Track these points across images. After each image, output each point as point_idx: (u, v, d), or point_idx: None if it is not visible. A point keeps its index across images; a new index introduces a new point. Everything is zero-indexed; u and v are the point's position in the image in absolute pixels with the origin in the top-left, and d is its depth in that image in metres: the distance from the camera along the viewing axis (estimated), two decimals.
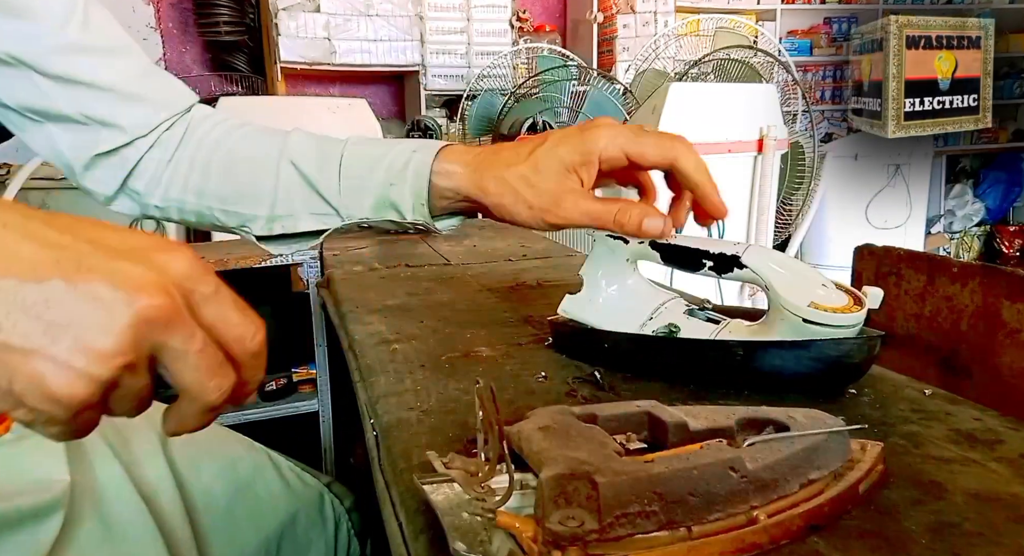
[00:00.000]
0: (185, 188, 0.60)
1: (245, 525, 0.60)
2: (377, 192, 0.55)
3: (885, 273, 0.85)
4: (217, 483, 0.60)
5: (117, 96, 0.57)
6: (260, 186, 0.59)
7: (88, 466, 0.50)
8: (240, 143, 0.61)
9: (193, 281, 0.29)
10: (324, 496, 0.69)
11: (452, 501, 0.33)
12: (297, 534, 0.65)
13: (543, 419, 0.35)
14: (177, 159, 0.60)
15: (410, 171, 0.53)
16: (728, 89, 2.48)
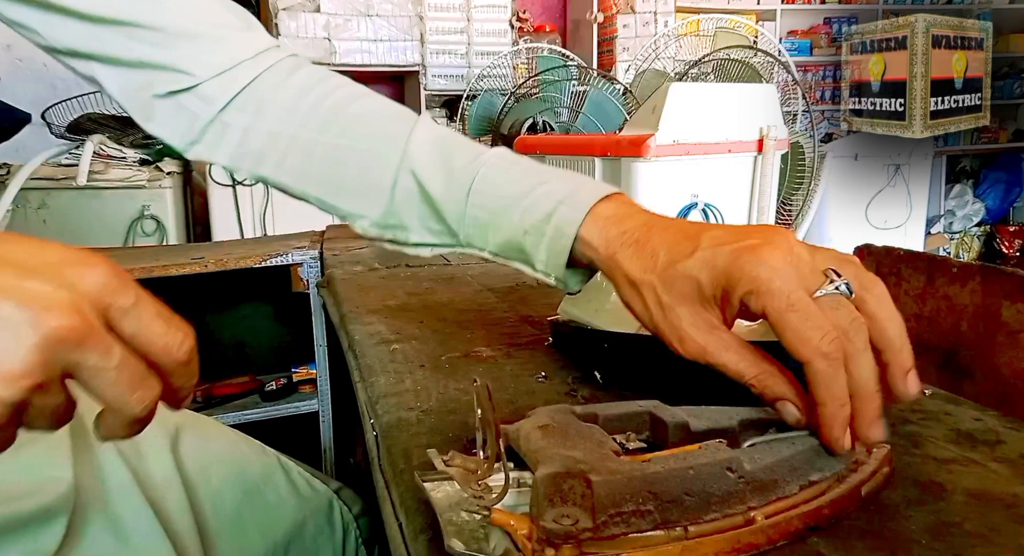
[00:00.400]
0: (280, 167, 0.54)
1: (253, 530, 0.59)
2: (508, 234, 0.48)
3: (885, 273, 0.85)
4: (226, 487, 0.59)
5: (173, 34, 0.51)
6: (372, 187, 0.52)
7: (96, 467, 0.49)
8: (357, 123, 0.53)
9: (109, 294, 0.28)
10: (333, 503, 0.68)
11: (451, 499, 0.33)
12: (305, 540, 0.64)
13: (543, 418, 0.35)
14: (273, 131, 0.53)
15: (551, 226, 0.45)
16: (728, 89, 2.48)
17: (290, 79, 0.55)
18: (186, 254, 1.61)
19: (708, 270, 0.37)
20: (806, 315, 0.33)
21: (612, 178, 2.10)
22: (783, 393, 0.35)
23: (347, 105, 0.54)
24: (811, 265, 0.35)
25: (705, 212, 2.12)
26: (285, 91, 0.54)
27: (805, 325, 0.33)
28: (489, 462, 0.32)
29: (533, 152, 2.49)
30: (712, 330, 0.37)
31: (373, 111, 0.54)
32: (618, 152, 2.05)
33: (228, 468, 0.61)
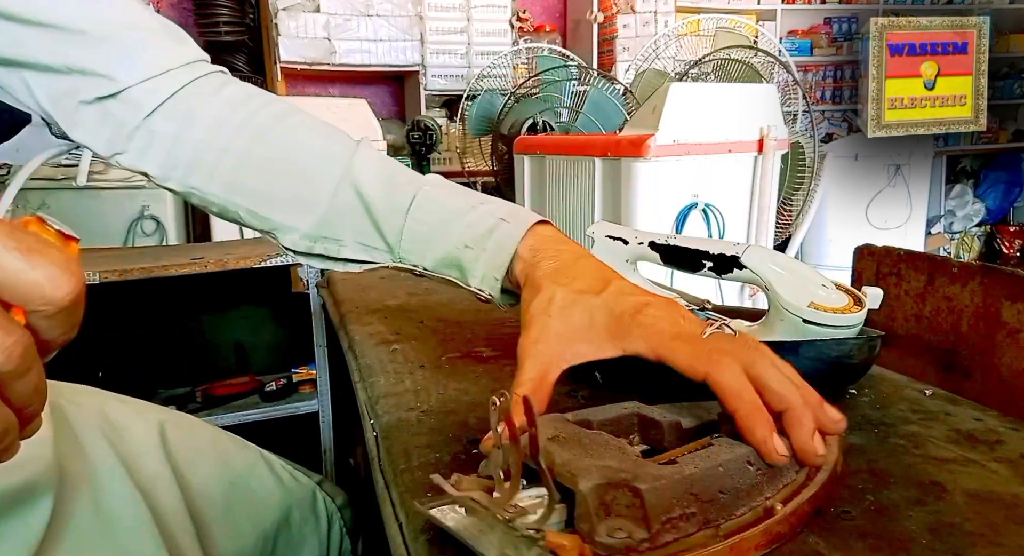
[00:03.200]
0: (211, 177, 0.53)
1: (243, 520, 0.60)
2: (447, 249, 0.49)
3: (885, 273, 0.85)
4: (213, 479, 0.60)
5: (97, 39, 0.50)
6: (308, 198, 0.52)
7: (82, 453, 0.50)
8: (294, 138, 0.54)
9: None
10: (316, 494, 0.69)
11: (467, 523, 0.31)
12: (292, 529, 0.65)
13: (545, 429, 0.34)
14: (205, 141, 0.53)
15: (492, 242, 0.47)
16: (728, 89, 2.48)
17: (220, 92, 0.55)
18: (186, 254, 1.61)
19: (606, 312, 0.41)
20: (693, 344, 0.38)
21: (612, 178, 2.10)
22: (513, 422, 0.39)
23: (281, 119, 0.55)
24: (695, 319, 0.41)
25: (705, 212, 2.12)
26: (215, 102, 0.54)
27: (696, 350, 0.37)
28: (513, 481, 0.30)
29: (533, 152, 2.49)
30: (559, 363, 0.41)
31: (310, 127, 0.55)
32: (618, 152, 2.05)
33: (213, 461, 0.61)
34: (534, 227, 0.48)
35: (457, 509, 0.32)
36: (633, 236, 0.61)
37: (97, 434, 0.52)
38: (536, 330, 0.42)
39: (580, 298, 0.42)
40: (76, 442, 0.50)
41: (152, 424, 0.58)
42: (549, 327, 0.42)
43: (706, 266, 0.56)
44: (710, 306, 0.62)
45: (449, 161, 3.59)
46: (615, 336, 0.40)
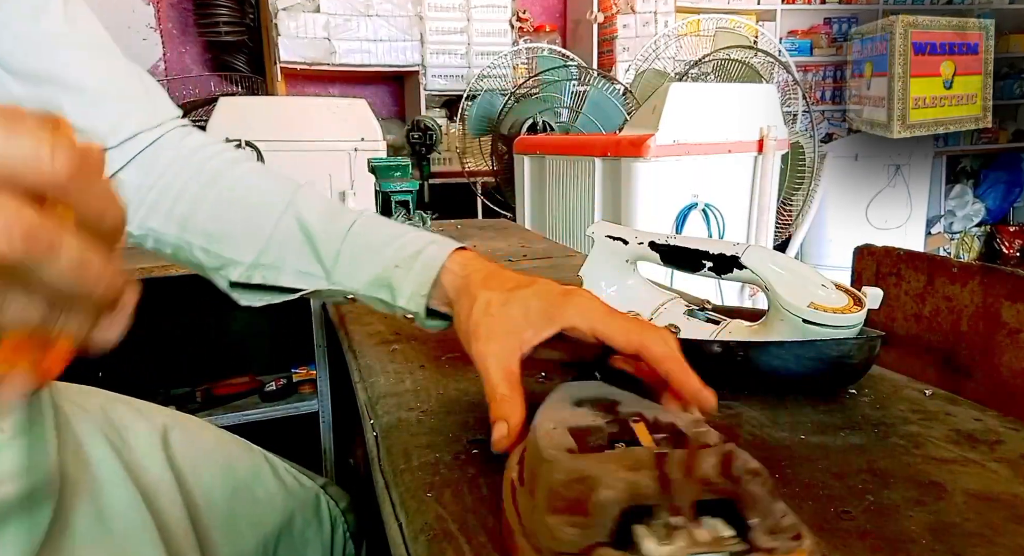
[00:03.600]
0: (168, 218, 0.56)
1: (244, 525, 0.60)
2: (379, 269, 0.53)
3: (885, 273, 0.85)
4: (216, 483, 0.60)
5: (87, 97, 0.53)
6: (254, 230, 0.56)
7: (86, 463, 0.50)
8: (244, 180, 0.58)
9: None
10: (320, 497, 0.69)
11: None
12: (294, 534, 0.65)
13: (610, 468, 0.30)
14: (164, 186, 0.57)
15: (420, 261, 0.52)
16: (728, 89, 2.48)
17: (182, 142, 0.59)
18: None
19: (539, 300, 0.45)
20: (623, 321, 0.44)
21: (612, 178, 2.10)
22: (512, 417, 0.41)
23: (234, 165, 0.59)
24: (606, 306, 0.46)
25: (705, 212, 2.12)
26: (176, 152, 0.58)
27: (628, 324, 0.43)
28: (689, 520, 0.27)
29: (533, 152, 2.49)
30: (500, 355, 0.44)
31: (259, 172, 0.60)
32: (618, 152, 2.05)
33: (217, 465, 0.61)
34: (458, 250, 0.53)
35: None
36: (633, 236, 0.62)
37: (100, 439, 0.52)
38: (484, 332, 0.45)
39: (513, 295, 0.46)
40: (78, 447, 0.50)
41: (156, 427, 0.58)
42: (494, 327, 0.45)
43: (706, 266, 0.56)
44: (710, 306, 0.62)
45: (449, 161, 3.59)
46: (552, 317, 0.45)
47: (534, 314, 0.45)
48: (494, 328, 0.45)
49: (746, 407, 0.50)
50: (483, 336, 0.45)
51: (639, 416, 0.37)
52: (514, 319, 0.45)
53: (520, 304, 0.46)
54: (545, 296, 0.46)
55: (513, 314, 0.45)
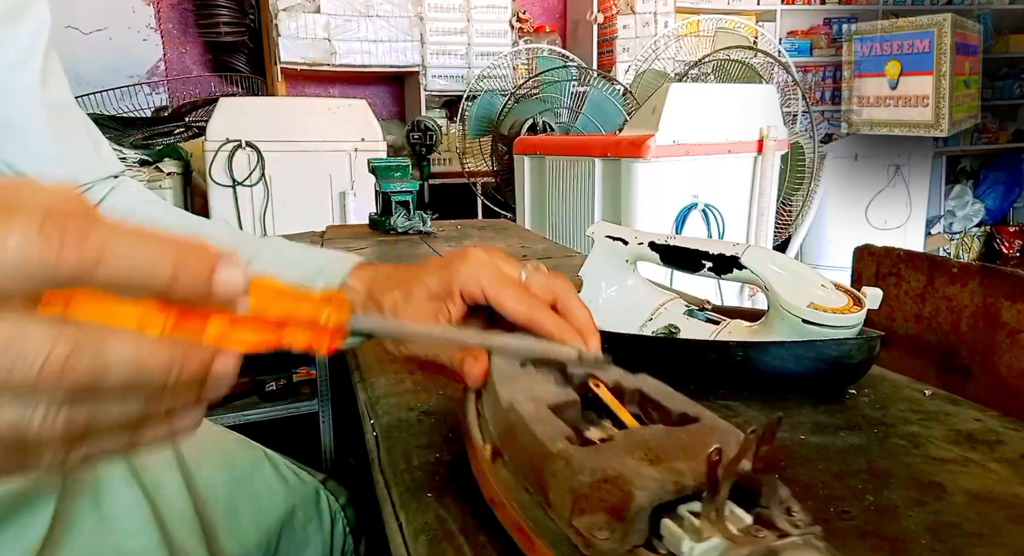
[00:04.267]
0: None
1: (247, 519, 0.60)
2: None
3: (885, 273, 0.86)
4: (218, 478, 0.60)
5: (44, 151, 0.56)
6: None
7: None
8: (154, 214, 0.60)
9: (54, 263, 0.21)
10: (320, 492, 0.69)
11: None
12: (295, 529, 0.65)
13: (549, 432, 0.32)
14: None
15: (321, 280, 0.53)
16: (728, 90, 2.48)
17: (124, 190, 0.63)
18: None
19: (435, 275, 0.46)
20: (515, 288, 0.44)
21: (612, 178, 2.10)
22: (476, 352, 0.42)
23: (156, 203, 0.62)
24: (509, 259, 0.47)
25: (705, 212, 2.12)
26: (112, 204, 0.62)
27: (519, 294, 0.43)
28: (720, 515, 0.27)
29: (533, 153, 2.49)
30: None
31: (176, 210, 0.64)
32: (618, 153, 2.05)
33: (218, 460, 0.62)
34: (359, 266, 0.54)
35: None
36: (633, 236, 0.62)
37: None
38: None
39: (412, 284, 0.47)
40: None
41: None
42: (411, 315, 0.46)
43: (706, 266, 0.56)
44: (710, 306, 0.62)
45: (449, 162, 3.59)
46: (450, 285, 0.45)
47: (436, 288, 0.46)
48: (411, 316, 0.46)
49: (746, 407, 0.50)
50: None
51: (595, 378, 0.39)
52: (424, 300, 0.46)
53: (421, 289, 0.46)
54: (438, 270, 0.47)
55: (421, 296, 0.46)
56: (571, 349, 0.31)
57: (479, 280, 0.45)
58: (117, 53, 3.44)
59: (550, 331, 0.42)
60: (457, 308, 0.46)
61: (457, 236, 1.43)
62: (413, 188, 1.53)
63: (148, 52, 3.53)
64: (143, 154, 2.72)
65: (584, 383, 0.39)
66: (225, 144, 2.64)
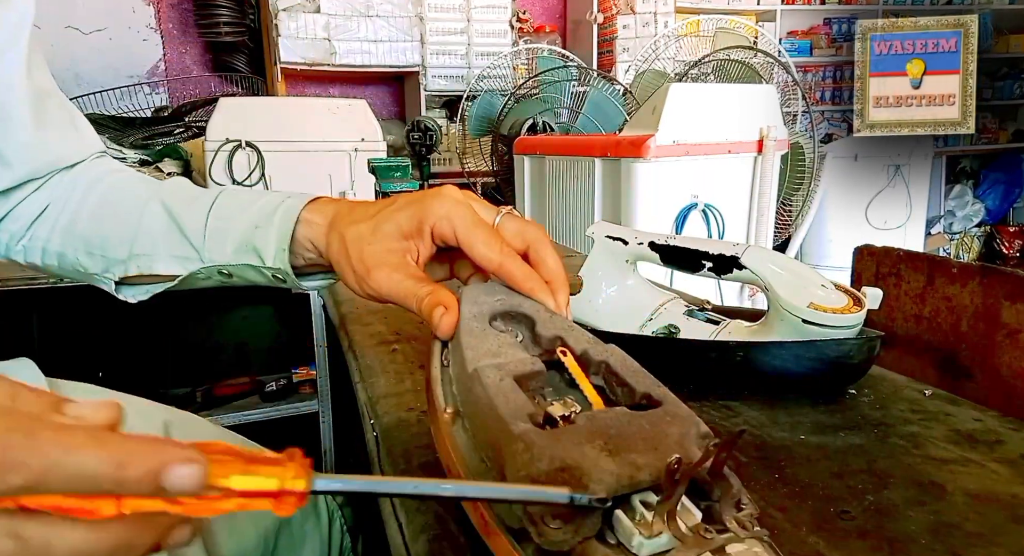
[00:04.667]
0: (53, 228, 0.58)
1: (244, 519, 0.61)
2: (241, 235, 0.53)
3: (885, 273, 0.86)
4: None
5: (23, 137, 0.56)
6: (124, 225, 0.56)
7: None
8: (115, 185, 0.60)
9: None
10: None
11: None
12: (293, 528, 0.65)
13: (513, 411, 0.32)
14: (54, 203, 0.59)
15: (278, 215, 0.51)
16: (728, 90, 2.48)
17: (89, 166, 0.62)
18: None
19: (406, 211, 0.45)
20: (488, 232, 0.43)
21: (612, 178, 2.10)
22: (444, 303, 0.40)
23: (112, 173, 0.61)
24: (482, 202, 0.46)
25: (705, 212, 2.12)
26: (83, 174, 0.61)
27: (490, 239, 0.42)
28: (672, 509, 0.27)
29: (533, 153, 2.49)
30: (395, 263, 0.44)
31: (134, 175, 0.62)
32: (618, 153, 2.05)
33: None
34: (315, 200, 0.52)
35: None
36: (633, 236, 0.62)
37: None
38: (372, 262, 0.44)
39: (380, 217, 0.45)
40: None
41: (156, 425, 0.58)
42: (379, 253, 0.44)
43: (706, 266, 0.56)
44: (710, 306, 0.62)
45: (449, 161, 3.59)
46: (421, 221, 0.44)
47: (406, 225, 0.44)
48: (379, 254, 0.44)
49: (746, 407, 0.50)
50: (373, 265, 0.44)
51: (562, 343, 0.38)
52: (392, 237, 0.45)
53: (391, 223, 0.45)
54: (409, 206, 0.45)
55: (389, 233, 0.45)
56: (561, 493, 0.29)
57: (451, 219, 0.43)
58: (117, 53, 3.44)
59: (519, 280, 0.42)
60: (426, 248, 0.45)
61: None
62: (413, 188, 1.54)
63: (148, 52, 3.53)
64: (143, 154, 2.72)
65: (552, 349, 0.39)
66: (225, 144, 2.64)
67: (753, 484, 0.39)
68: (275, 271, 0.52)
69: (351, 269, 0.46)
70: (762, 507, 0.29)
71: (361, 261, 0.45)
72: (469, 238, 0.43)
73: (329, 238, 0.49)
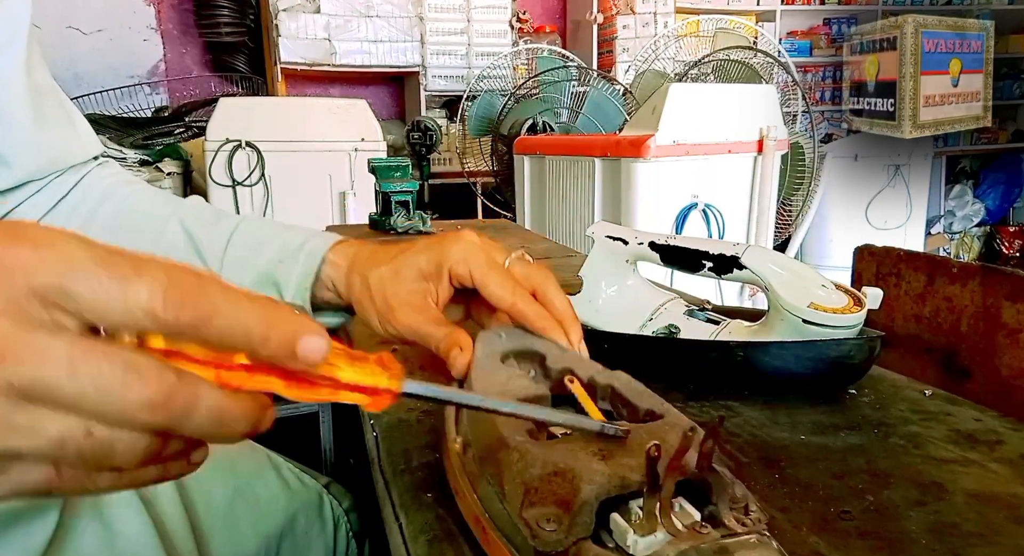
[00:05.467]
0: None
1: (245, 526, 0.60)
2: (263, 267, 0.54)
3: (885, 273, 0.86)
4: (216, 483, 0.59)
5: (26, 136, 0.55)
6: (141, 242, 0.56)
7: None
8: (131, 197, 0.60)
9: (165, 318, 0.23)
10: (323, 497, 0.68)
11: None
12: (296, 535, 0.64)
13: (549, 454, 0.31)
14: (60, 207, 0.58)
15: (304, 252, 0.53)
16: (728, 90, 2.48)
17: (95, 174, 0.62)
18: None
19: (425, 254, 0.47)
20: (501, 274, 0.45)
21: (612, 178, 2.10)
22: (464, 342, 0.42)
23: (126, 185, 0.61)
24: (495, 245, 0.48)
25: (705, 212, 2.12)
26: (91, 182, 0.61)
27: (504, 281, 0.44)
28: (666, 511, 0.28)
29: (533, 153, 2.49)
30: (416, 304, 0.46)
31: (149, 189, 0.62)
32: (618, 152, 2.05)
33: (217, 465, 0.61)
34: (341, 242, 0.54)
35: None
36: (633, 236, 0.62)
37: None
38: (394, 303, 0.46)
39: (400, 261, 0.47)
40: None
41: None
42: (400, 295, 0.46)
43: (706, 266, 0.56)
44: (710, 306, 0.62)
45: (449, 162, 3.59)
46: (440, 264, 0.46)
47: (426, 267, 0.46)
48: (401, 296, 0.46)
49: (746, 407, 0.50)
50: (395, 306, 0.46)
51: (571, 374, 0.39)
52: (413, 279, 0.47)
53: (411, 266, 0.47)
54: (428, 249, 0.47)
55: (410, 275, 0.47)
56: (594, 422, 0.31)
57: (468, 262, 0.45)
58: (117, 53, 3.44)
59: (532, 319, 0.43)
60: (445, 289, 0.47)
61: None
62: (413, 188, 1.53)
63: (148, 52, 3.53)
64: (143, 154, 2.72)
65: (561, 379, 0.39)
66: (225, 144, 2.64)
67: (753, 484, 0.39)
68: (293, 306, 0.52)
69: (374, 309, 0.48)
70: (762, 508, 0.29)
71: (385, 302, 0.47)
72: (484, 279, 0.45)
73: (350, 279, 0.50)
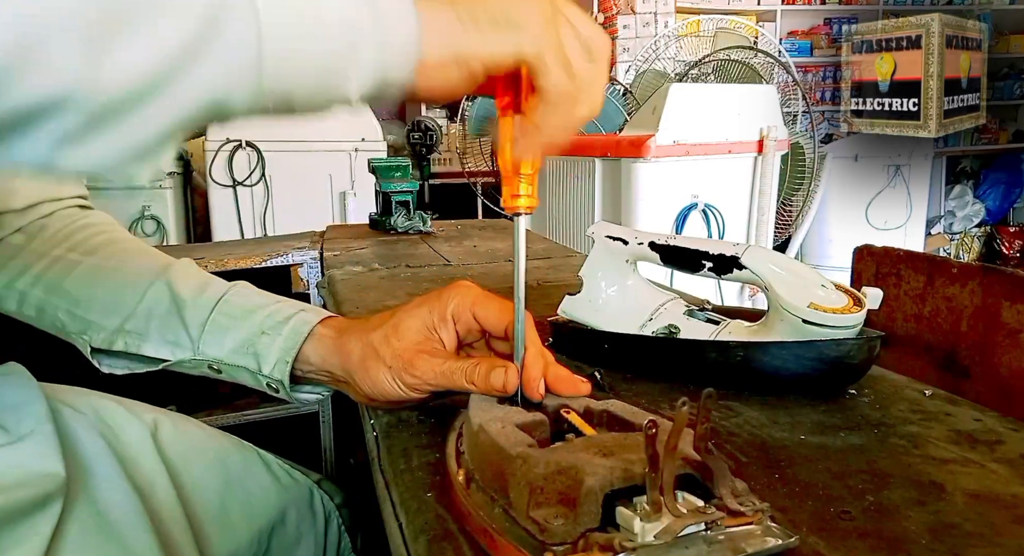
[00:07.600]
0: (36, 281, 0.57)
1: (237, 519, 0.61)
2: (243, 336, 0.53)
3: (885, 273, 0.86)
4: (209, 478, 0.60)
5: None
6: (122, 297, 0.56)
7: (81, 461, 0.50)
8: (116, 253, 0.59)
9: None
10: (314, 492, 0.69)
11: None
12: (287, 528, 0.65)
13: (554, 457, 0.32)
14: (41, 251, 0.58)
15: (288, 326, 0.52)
16: (728, 90, 2.48)
17: (76, 219, 0.61)
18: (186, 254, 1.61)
19: (425, 306, 0.48)
20: (500, 302, 0.48)
21: (612, 178, 2.10)
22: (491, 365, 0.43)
23: (121, 239, 0.61)
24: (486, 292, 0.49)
25: (705, 212, 2.12)
26: (69, 226, 0.60)
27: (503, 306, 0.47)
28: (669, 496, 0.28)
29: None
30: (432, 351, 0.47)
31: (141, 246, 0.62)
32: (618, 153, 2.05)
33: (209, 460, 0.62)
34: (329, 318, 0.53)
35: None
36: (633, 236, 0.62)
37: (94, 436, 0.53)
38: (410, 355, 0.46)
39: (400, 317, 0.48)
40: (74, 446, 0.51)
41: (146, 424, 0.58)
42: (409, 348, 0.46)
43: (706, 266, 0.56)
44: (710, 306, 0.62)
45: (449, 161, 3.59)
46: (442, 312, 0.48)
47: (428, 318, 0.47)
48: (412, 349, 0.46)
49: (746, 407, 0.50)
50: (410, 358, 0.46)
51: (566, 407, 0.40)
52: (417, 331, 0.47)
53: (413, 319, 0.47)
54: (426, 301, 0.48)
55: (413, 327, 0.47)
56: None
57: (465, 298, 0.48)
58: None
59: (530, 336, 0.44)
60: (450, 337, 0.48)
61: (457, 236, 1.43)
62: (413, 188, 1.54)
63: None
64: None
65: (557, 411, 0.41)
66: (225, 144, 2.64)
67: (753, 484, 0.39)
68: (271, 380, 0.53)
69: (385, 366, 0.47)
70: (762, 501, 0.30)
71: (397, 357, 0.46)
72: (484, 308, 0.47)
73: (346, 347, 0.49)
